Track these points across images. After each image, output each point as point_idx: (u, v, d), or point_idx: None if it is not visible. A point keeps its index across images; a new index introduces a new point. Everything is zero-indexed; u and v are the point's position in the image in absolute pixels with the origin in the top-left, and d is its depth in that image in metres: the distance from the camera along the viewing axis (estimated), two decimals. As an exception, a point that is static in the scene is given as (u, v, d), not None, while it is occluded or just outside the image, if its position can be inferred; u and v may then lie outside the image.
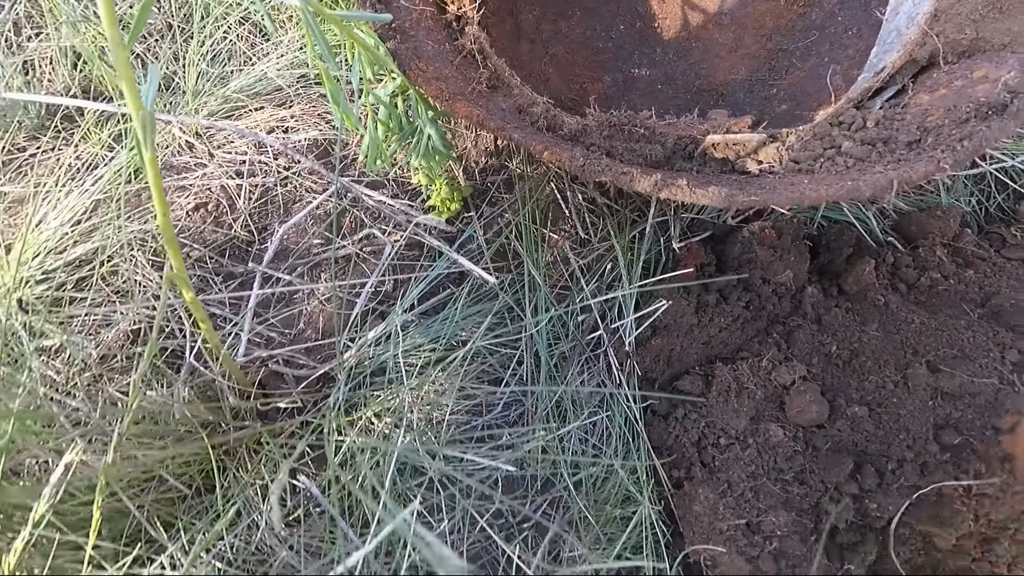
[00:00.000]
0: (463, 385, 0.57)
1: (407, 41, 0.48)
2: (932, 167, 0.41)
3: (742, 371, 0.60)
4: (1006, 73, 0.44)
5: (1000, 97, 0.43)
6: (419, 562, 0.47)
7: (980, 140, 0.42)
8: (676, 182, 0.43)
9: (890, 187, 0.42)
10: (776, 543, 0.53)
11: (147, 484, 0.48)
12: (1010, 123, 0.42)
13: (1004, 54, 0.47)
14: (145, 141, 0.33)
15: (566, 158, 0.45)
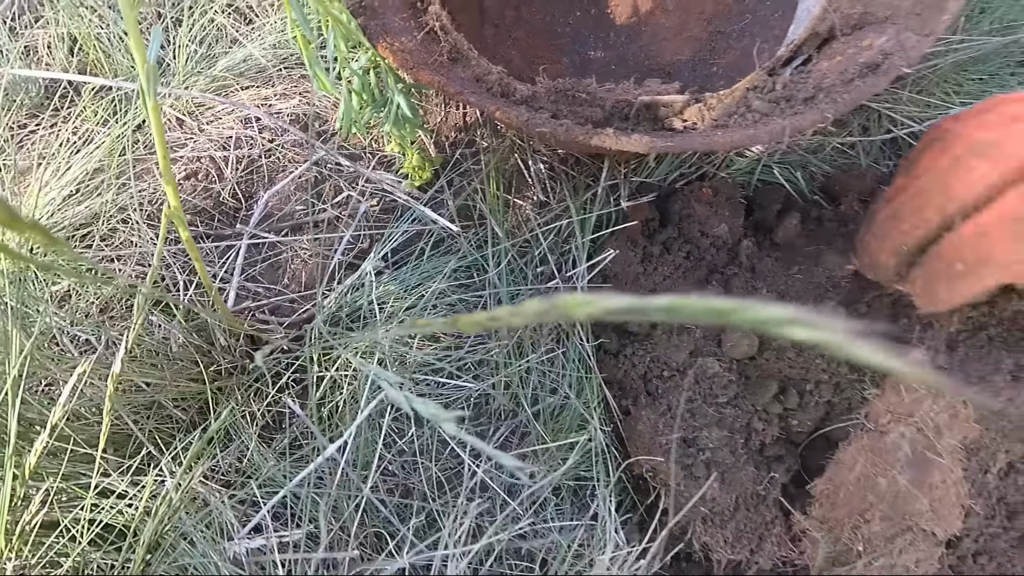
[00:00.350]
0: (432, 332, 0.64)
1: (375, 18, 0.55)
2: (818, 116, 0.49)
3: (684, 314, 0.68)
4: (882, 39, 0.52)
5: (876, 59, 0.51)
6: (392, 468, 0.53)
7: (857, 94, 0.50)
8: (604, 131, 0.50)
9: (783, 133, 0.49)
10: (709, 454, 0.60)
11: (147, 411, 0.54)
12: (882, 79, 0.50)
13: (885, 25, 0.55)
14: (149, 91, 0.39)
15: (513, 115, 0.52)
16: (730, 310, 0.16)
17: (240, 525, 0.48)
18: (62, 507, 0.47)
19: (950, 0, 0.52)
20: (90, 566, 0.47)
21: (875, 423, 0.59)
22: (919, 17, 0.54)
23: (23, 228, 0.28)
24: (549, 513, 0.59)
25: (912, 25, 0.53)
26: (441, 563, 0.48)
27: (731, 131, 0.52)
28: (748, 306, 0.16)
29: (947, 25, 0.51)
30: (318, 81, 0.52)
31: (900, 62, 0.51)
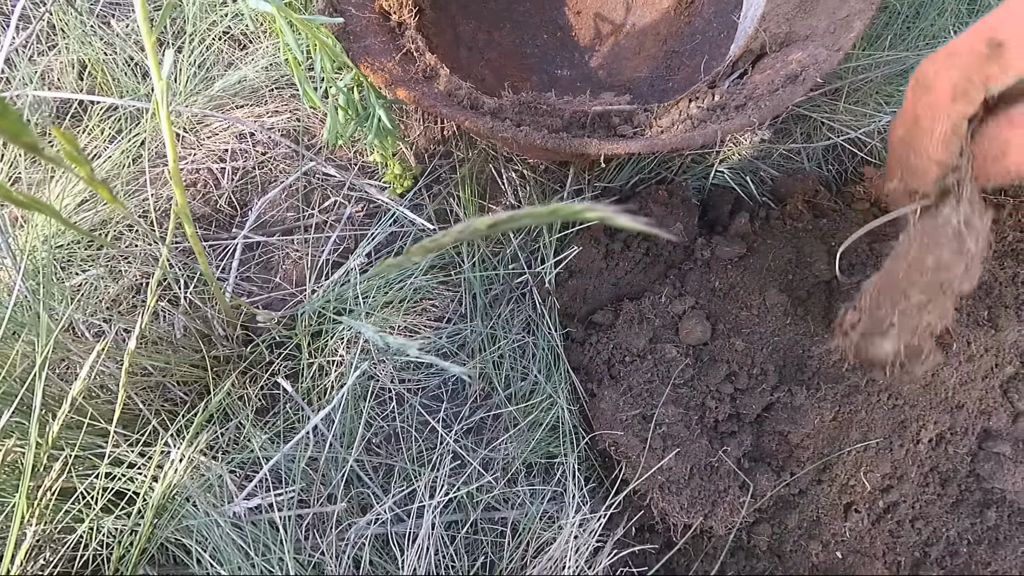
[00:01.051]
0: (412, 323, 0.71)
1: (358, 41, 0.63)
2: (745, 120, 0.58)
3: (644, 305, 0.75)
4: (801, 54, 0.61)
5: (795, 71, 0.60)
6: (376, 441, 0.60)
7: (778, 100, 0.58)
8: (559, 135, 0.58)
9: (716, 135, 0.57)
10: (665, 428, 0.67)
11: (154, 392, 0.60)
12: (799, 88, 0.58)
13: (807, 43, 0.64)
14: (163, 102, 0.47)
15: (480, 124, 0.60)
16: (557, 208, 0.24)
17: (238, 490, 0.54)
18: (78, 475, 0.53)
19: (856, 20, 0.61)
20: (103, 529, 0.53)
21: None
22: (832, 35, 0.63)
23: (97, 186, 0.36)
24: (521, 487, 0.65)
25: (826, 42, 0.62)
26: (417, 516, 0.54)
27: (671, 135, 0.60)
28: (566, 205, 0.24)
29: (853, 41, 0.60)
30: (307, 97, 0.59)
31: (814, 73, 0.59)
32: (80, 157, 0.35)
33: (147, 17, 0.43)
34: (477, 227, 0.29)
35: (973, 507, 0.68)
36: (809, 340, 0.71)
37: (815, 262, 0.74)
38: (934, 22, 0.87)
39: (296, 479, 0.55)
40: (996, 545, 0.67)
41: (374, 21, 0.66)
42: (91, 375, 0.52)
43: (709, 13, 0.87)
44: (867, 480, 0.67)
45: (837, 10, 0.65)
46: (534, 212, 0.28)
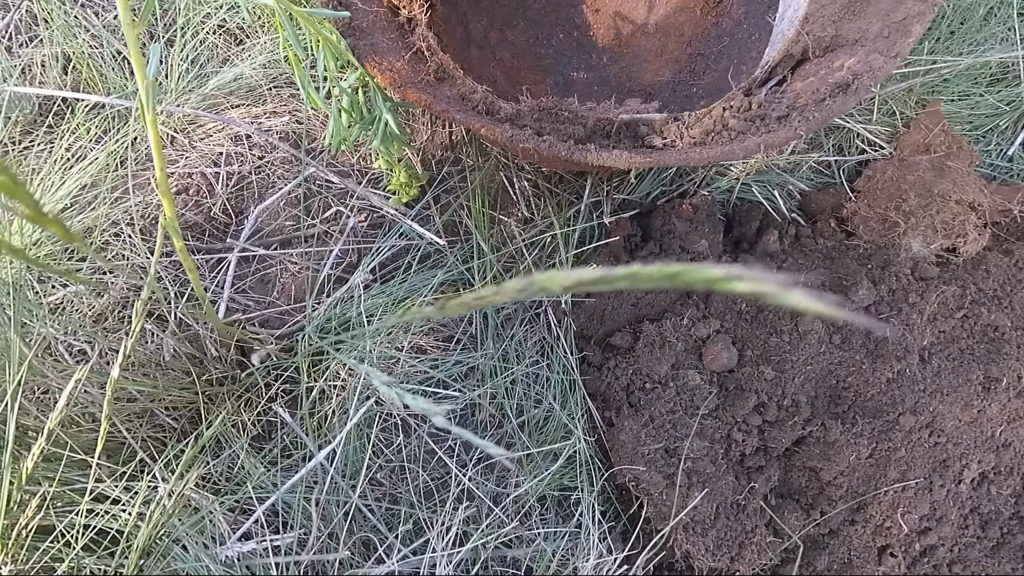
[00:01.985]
0: (419, 344, 0.68)
1: (364, 38, 0.60)
2: (791, 133, 0.55)
3: (666, 327, 0.72)
4: (852, 60, 0.58)
5: (846, 79, 0.57)
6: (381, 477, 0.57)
7: (827, 112, 0.55)
8: (586, 147, 0.55)
9: (757, 150, 0.54)
10: (690, 463, 0.64)
11: (140, 420, 0.57)
12: (851, 98, 0.55)
13: (856, 47, 0.61)
14: (148, 105, 0.44)
15: (498, 132, 0.57)
16: (680, 271, 0.20)
17: (231, 531, 0.51)
18: (57, 512, 0.50)
19: (915, 24, 0.58)
20: (84, 571, 0.50)
21: (900, 152, 0.77)
22: (887, 40, 0.60)
23: (46, 222, 0.32)
24: (534, 521, 0.62)
25: (880, 47, 0.59)
26: (429, 568, 0.51)
27: (707, 148, 0.57)
28: (694, 268, 0.20)
29: (912, 47, 0.57)
30: (308, 98, 0.56)
31: (868, 82, 0.56)
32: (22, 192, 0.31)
33: (128, 7, 0.39)
34: (549, 286, 0.23)
35: (1015, 551, 0.66)
36: (846, 370, 0.68)
37: (853, 286, 0.71)
38: (980, 28, 0.84)
39: (297, 522, 0.52)
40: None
41: (382, 16, 0.63)
42: (70, 403, 0.49)
43: (739, 14, 0.84)
44: (904, 522, 0.65)
45: (891, 12, 0.62)
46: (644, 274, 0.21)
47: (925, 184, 0.75)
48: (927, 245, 0.72)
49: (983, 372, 0.65)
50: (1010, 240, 0.75)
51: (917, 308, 0.68)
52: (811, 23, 0.66)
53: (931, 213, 0.73)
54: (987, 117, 0.83)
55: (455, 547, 0.60)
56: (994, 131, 0.83)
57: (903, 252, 0.72)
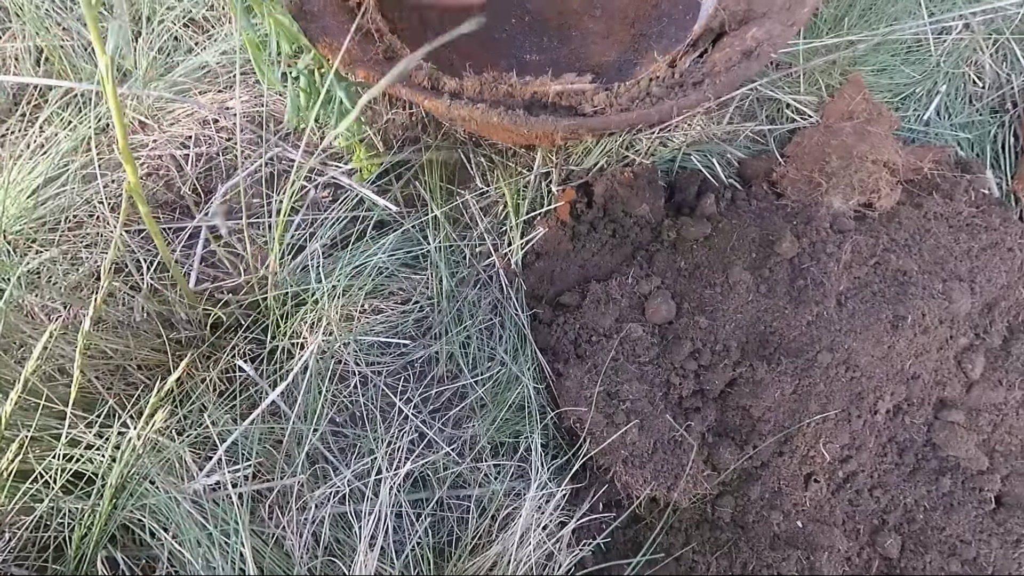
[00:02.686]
0: (377, 306, 0.73)
1: (315, 21, 0.64)
2: (700, 96, 0.60)
3: (611, 286, 0.77)
4: (756, 30, 0.63)
5: (750, 46, 0.62)
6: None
7: (734, 76, 0.60)
8: (515, 111, 0.60)
9: (671, 112, 0.60)
10: (629, 404, 0.69)
11: (113, 376, 0.61)
12: (755, 63, 0.61)
13: (764, 19, 0.67)
14: (108, 77, 0.48)
15: (439, 104, 0.62)
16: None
17: (198, 468, 0.55)
18: (36, 457, 0.54)
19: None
20: (62, 510, 0.54)
21: (825, 119, 0.85)
22: (788, 11, 0.65)
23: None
24: (486, 464, 0.67)
25: (781, 18, 0.65)
26: (377, 487, 0.56)
27: (628, 112, 0.62)
28: None
29: (808, 16, 0.62)
30: (264, 77, 0.61)
31: (768, 48, 0.62)
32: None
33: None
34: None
35: (929, 475, 0.71)
36: (771, 316, 0.74)
37: (778, 240, 0.76)
38: (895, 3, 0.90)
39: (253, 454, 0.56)
40: (950, 510, 0.70)
41: (333, 1, 0.68)
42: (44, 355, 0.53)
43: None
44: (826, 451, 0.70)
45: (793, 10, 0.67)
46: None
47: (846, 147, 0.80)
48: (846, 201, 0.78)
49: (892, 312, 0.71)
50: (921, 195, 0.80)
51: (834, 257, 0.73)
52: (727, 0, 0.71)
53: (850, 173, 0.79)
54: (904, 86, 0.89)
55: (413, 488, 0.64)
56: (911, 98, 0.89)
57: (824, 209, 0.78)
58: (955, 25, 0.90)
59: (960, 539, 0.69)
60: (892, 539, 0.69)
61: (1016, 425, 0.74)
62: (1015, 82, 0.89)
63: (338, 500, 0.57)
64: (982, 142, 0.87)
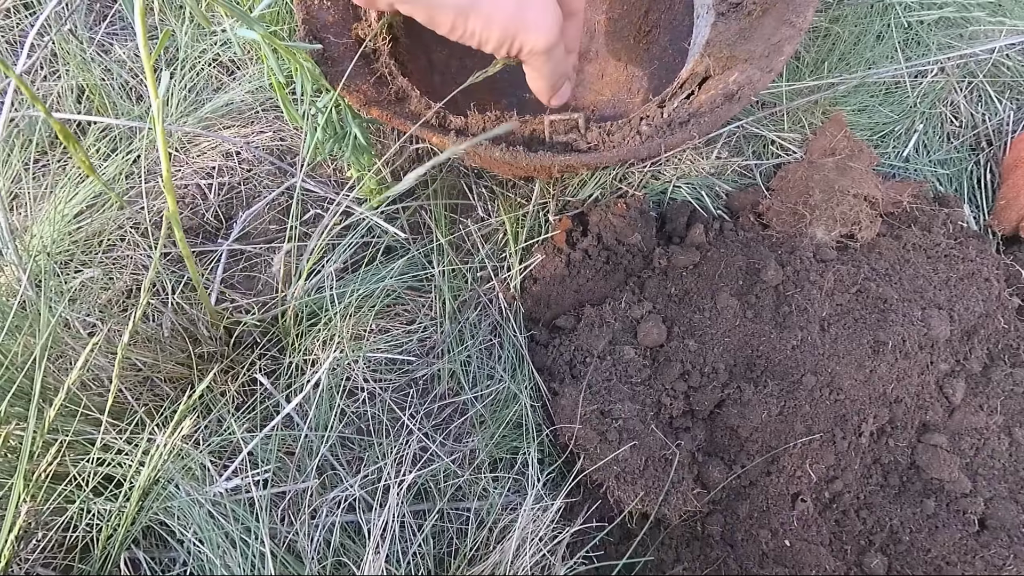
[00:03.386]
0: (384, 326, 0.78)
1: (335, 66, 0.72)
2: (686, 135, 0.66)
3: (605, 310, 0.83)
4: (737, 75, 0.70)
5: (732, 90, 0.69)
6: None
7: (716, 117, 0.67)
8: (515, 149, 0.66)
9: (659, 149, 0.65)
10: (621, 423, 0.73)
11: (142, 387, 0.67)
12: (735, 105, 0.67)
13: (745, 65, 0.73)
14: (159, 118, 0.55)
15: (446, 140, 0.68)
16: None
17: (217, 474, 0.60)
18: (72, 460, 0.59)
19: (786, 45, 0.70)
20: (92, 511, 0.59)
21: (809, 155, 0.90)
22: (767, 58, 0.72)
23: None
24: (484, 474, 0.71)
25: (761, 65, 0.71)
26: (384, 495, 0.60)
27: (619, 148, 0.69)
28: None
29: (784, 63, 0.69)
30: (289, 116, 0.68)
31: (749, 92, 0.68)
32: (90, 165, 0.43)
33: (147, 43, 0.51)
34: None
35: (914, 496, 0.75)
36: (757, 340, 0.78)
37: (763, 268, 0.82)
38: (873, 48, 0.97)
39: (271, 460, 0.61)
40: (935, 532, 0.73)
41: (351, 47, 0.75)
42: (86, 366, 0.58)
43: (665, 41, 0.97)
44: (812, 471, 0.74)
45: (771, 36, 0.74)
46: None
47: (828, 181, 0.86)
48: (828, 232, 0.84)
49: (873, 337, 0.76)
50: (900, 227, 0.86)
51: (817, 285, 0.79)
52: (712, 46, 0.78)
53: (832, 206, 0.84)
54: (883, 124, 0.95)
55: (415, 499, 0.69)
56: (890, 136, 0.95)
57: (807, 239, 0.83)
58: (931, 68, 0.97)
59: (945, 560, 0.72)
60: (878, 559, 0.72)
61: (997, 449, 0.78)
62: (989, 122, 0.95)
63: (347, 506, 0.62)
64: (959, 178, 0.93)
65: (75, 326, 0.64)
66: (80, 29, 0.89)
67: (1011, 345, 0.83)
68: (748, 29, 0.78)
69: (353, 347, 0.73)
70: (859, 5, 0.99)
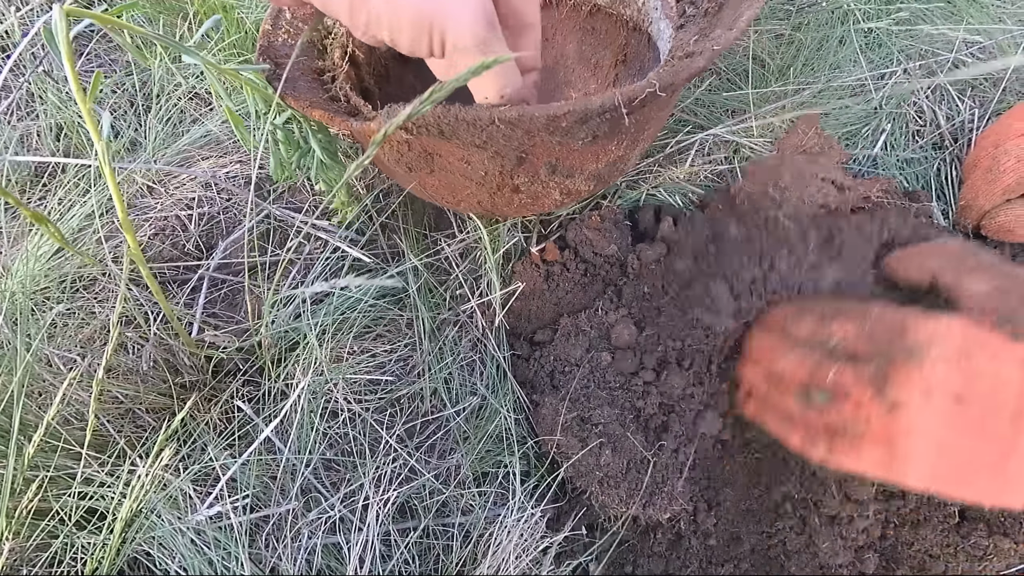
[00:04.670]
0: (365, 347, 0.79)
1: (288, 83, 0.72)
2: (644, 84, 0.62)
3: (580, 319, 0.84)
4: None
5: (692, 51, 0.69)
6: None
7: (676, 68, 0.64)
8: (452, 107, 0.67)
9: (613, 100, 0.61)
10: (601, 428, 0.74)
11: (123, 419, 0.68)
12: (696, 61, 0.63)
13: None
14: (104, 160, 0.55)
15: (371, 125, 0.69)
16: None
17: (199, 501, 0.61)
18: (54, 495, 0.60)
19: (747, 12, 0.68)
20: (76, 545, 0.59)
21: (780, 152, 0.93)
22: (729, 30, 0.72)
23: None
24: (468, 489, 0.72)
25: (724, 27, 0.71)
26: (365, 512, 0.61)
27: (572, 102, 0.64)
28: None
29: (747, 24, 0.66)
30: (241, 138, 0.69)
31: (712, 45, 0.65)
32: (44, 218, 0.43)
33: (80, 87, 0.52)
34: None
35: (895, 491, 0.75)
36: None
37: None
38: (836, 52, 1.00)
39: (251, 484, 0.62)
40: (918, 526, 0.74)
41: (308, 69, 0.77)
42: (64, 401, 0.59)
43: (635, 70, 0.99)
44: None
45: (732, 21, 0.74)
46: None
47: (798, 166, 0.88)
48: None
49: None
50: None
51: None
52: (675, 51, 0.80)
53: (801, 187, 0.86)
54: (851, 125, 0.97)
55: (400, 517, 0.70)
56: (858, 136, 0.97)
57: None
58: (895, 70, 1.00)
59: (928, 554, 0.73)
60: (870, 555, 0.73)
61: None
62: (953, 121, 0.97)
63: (329, 527, 0.62)
64: (926, 175, 0.95)
65: (55, 362, 0.65)
66: (55, 69, 0.91)
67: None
68: (707, 27, 0.79)
69: (333, 370, 0.74)
70: (820, 12, 1.02)
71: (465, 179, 0.74)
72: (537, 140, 0.66)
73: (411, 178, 0.77)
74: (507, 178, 0.73)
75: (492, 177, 0.73)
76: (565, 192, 0.78)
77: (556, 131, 0.63)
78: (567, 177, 0.75)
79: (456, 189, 0.78)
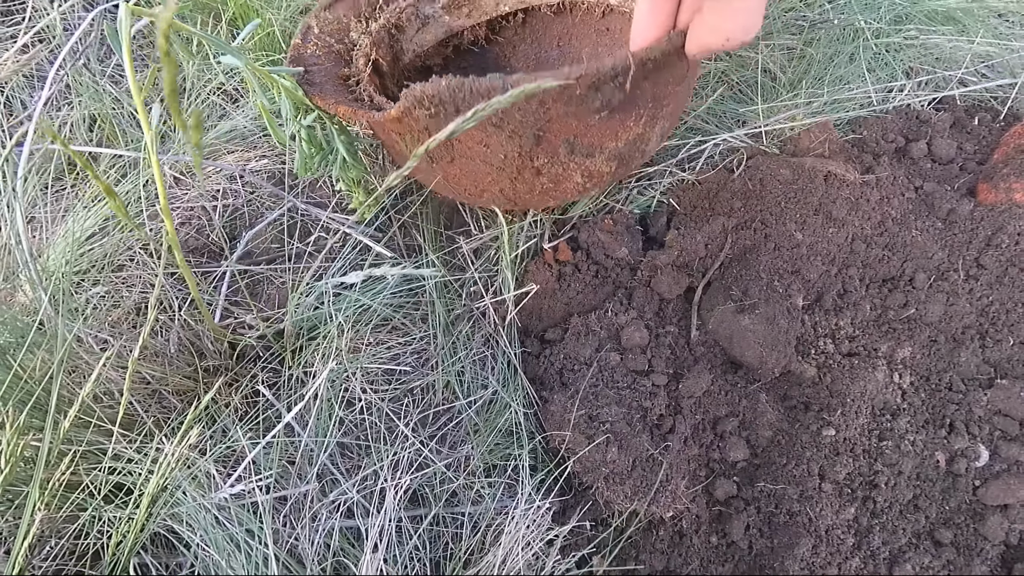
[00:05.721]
0: (381, 339, 0.82)
1: (315, 87, 0.75)
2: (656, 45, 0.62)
3: (591, 319, 0.86)
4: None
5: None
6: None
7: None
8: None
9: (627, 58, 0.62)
10: (608, 426, 0.76)
11: (151, 399, 0.70)
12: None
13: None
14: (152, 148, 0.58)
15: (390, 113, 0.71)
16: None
17: (222, 481, 0.63)
18: (85, 469, 0.62)
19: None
20: (103, 518, 0.62)
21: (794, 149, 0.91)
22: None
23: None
24: (478, 479, 0.74)
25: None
26: (381, 497, 0.63)
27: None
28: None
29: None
30: (274, 134, 0.71)
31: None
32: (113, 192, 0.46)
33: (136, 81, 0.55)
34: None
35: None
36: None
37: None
38: (845, 67, 1.01)
39: (273, 466, 0.64)
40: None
41: (332, 75, 0.79)
42: (99, 379, 0.62)
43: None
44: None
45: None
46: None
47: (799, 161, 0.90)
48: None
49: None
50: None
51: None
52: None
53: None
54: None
55: (411, 504, 0.72)
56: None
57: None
58: (905, 84, 1.01)
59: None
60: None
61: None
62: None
63: (346, 511, 0.64)
64: (932, 188, 0.97)
65: (88, 342, 0.67)
66: (93, 63, 0.94)
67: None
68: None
69: (351, 359, 0.76)
70: (831, 29, 1.04)
71: (486, 165, 0.74)
72: (552, 114, 0.65)
73: (434, 171, 0.78)
74: (527, 160, 0.72)
75: (512, 160, 0.72)
76: (587, 174, 0.77)
77: (571, 100, 0.62)
78: (587, 156, 0.74)
79: (478, 178, 0.77)
